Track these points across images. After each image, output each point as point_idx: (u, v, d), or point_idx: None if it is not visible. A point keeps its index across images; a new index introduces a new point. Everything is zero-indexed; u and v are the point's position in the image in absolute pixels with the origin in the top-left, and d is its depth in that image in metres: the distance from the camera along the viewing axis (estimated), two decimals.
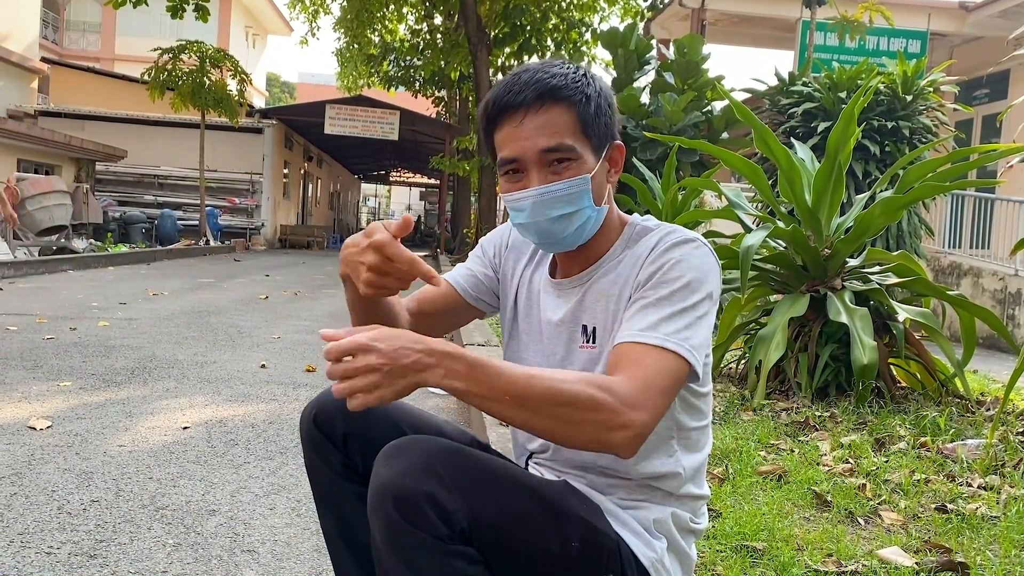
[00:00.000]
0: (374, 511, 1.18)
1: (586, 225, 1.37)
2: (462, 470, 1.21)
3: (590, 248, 1.42)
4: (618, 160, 1.42)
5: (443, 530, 1.15)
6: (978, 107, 13.07)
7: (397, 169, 41.38)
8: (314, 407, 1.47)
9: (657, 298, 1.28)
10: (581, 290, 1.43)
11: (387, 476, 1.17)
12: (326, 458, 1.45)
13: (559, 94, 1.32)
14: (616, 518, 1.34)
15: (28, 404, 3.77)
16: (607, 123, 1.37)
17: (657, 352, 1.23)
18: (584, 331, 1.41)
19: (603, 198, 1.39)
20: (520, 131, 1.32)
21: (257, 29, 39.46)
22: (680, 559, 1.38)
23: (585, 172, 1.34)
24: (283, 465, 3.06)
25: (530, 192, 1.33)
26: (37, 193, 13.49)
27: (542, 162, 1.33)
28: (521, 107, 1.32)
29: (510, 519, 1.21)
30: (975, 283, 9.41)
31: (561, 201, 1.33)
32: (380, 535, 1.18)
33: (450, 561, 1.16)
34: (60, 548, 2.20)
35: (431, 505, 1.15)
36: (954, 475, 2.81)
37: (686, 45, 9.40)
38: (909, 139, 7.23)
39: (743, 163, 4.26)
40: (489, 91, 1.38)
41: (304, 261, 17.61)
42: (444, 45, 22.29)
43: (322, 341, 1.10)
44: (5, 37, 18.63)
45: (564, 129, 1.32)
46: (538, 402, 1.13)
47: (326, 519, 1.50)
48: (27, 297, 8.15)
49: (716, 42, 16.08)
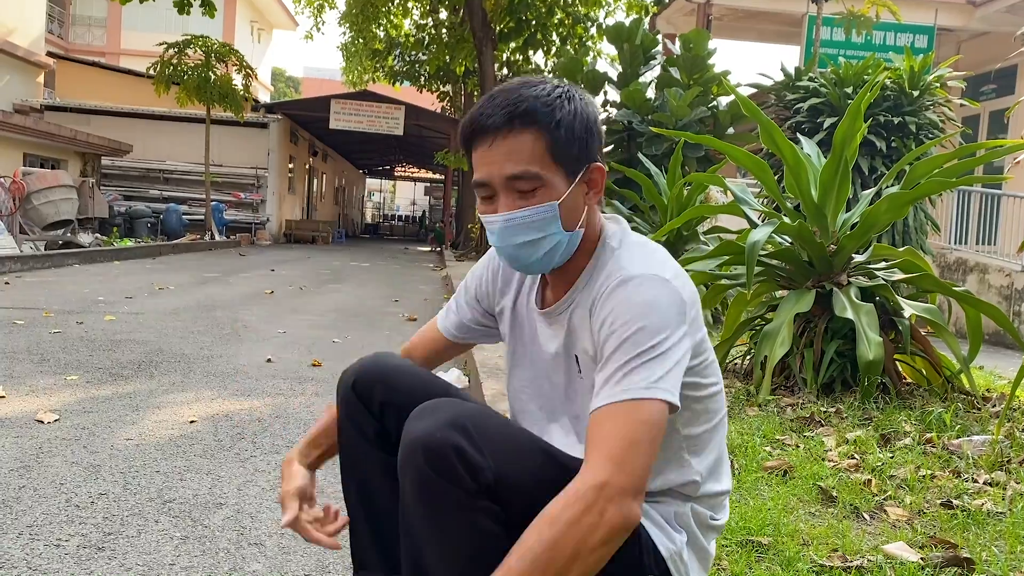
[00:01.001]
0: (405, 465, 1.21)
1: (556, 250, 1.35)
2: (490, 429, 1.24)
3: (570, 270, 1.41)
4: (598, 181, 1.39)
5: (470, 484, 1.18)
6: (985, 103, 13.03)
7: (402, 164, 41.38)
8: (354, 373, 1.49)
9: (614, 356, 1.24)
10: (566, 317, 1.42)
11: (418, 431, 1.21)
12: (360, 425, 1.48)
13: (527, 119, 1.29)
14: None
15: (35, 398, 3.79)
16: (581, 147, 1.34)
17: (621, 410, 1.19)
18: (576, 361, 1.41)
19: (577, 222, 1.36)
20: (489, 154, 1.31)
21: (262, 24, 39.46)
22: (698, 555, 1.39)
23: (553, 199, 1.32)
24: None
25: (497, 217, 1.33)
26: (43, 187, 13.52)
27: (508, 188, 1.31)
28: (491, 130, 1.30)
29: (533, 483, 1.23)
30: (981, 279, 9.39)
31: (527, 228, 1.32)
32: (410, 489, 1.20)
33: (475, 516, 1.19)
34: (68, 540, 2.21)
35: (459, 458, 1.18)
36: (960, 471, 2.81)
37: (692, 40, 9.39)
38: (915, 135, 7.21)
39: (749, 158, 4.25)
40: (473, 107, 1.37)
41: (309, 256, 17.63)
42: (449, 40, 22.27)
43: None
44: (11, 31, 18.66)
45: (530, 156, 1.30)
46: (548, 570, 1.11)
47: (348, 487, 1.52)
48: (33, 291, 8.17)
49: (722, 37, 16.05)
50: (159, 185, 22.48)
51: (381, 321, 7.32)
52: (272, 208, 23.45)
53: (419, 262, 17.95)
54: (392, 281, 12.15)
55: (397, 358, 1.54)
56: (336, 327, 6.69)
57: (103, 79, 24.19)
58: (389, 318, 7.58)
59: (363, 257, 18.63)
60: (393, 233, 42.44)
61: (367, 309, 8.22)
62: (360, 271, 14.01)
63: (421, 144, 29.47)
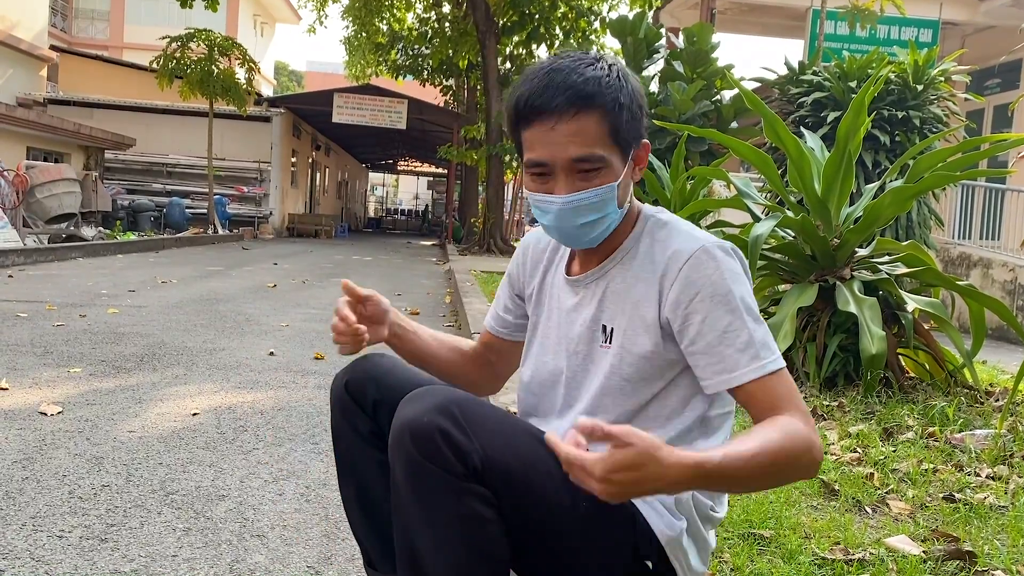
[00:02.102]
0: (394, 450, 1.23)
1: (609, 228, 1.39)
2: (477, 414, 1.24)
3: (606, 242, 1.42)
4: (643, 158, 1.42)
5: (458, 467, 1.19)
6: (990, 97, 12.99)
7: (405, 158, 41.35)
8: (346, 374, 1.50)
9: (729, 327, 1.29)
10: (600, 287, 1.43)
11: (406, 416, 1.22)
12: (354, 424, 1.48)
13: (593, 102, 1.30)
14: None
15: (39, 390, 3.80)
16: (638, 126, 1.37)
17: (774, 377, 1.27)
18: (604, 331, 1.41)
19: (626, 198, 1.39)
20: (552, 136, 1.31)
21: (265, 17, 39.41)
22: (698, 543, 1.39)
23: (612, 180, 1.34)
24: (292, 451, 3.08)
25: (557, 199, 1.34)
26: (46, 181, 13.53)
27: (571, 169, 1.32)
28: (555, 112, 1.30)
29: (522, 467, 1.24)
30: (985, 274, 9.37)
31: (589, 209, 1.34)
32: (399, 472, 1.22)
33: (465, 499, 1.20)
34: (71, 532, 2.22)
35: (445, 441, 1.19)
36: (962, 465, 2.81)
37: (695, 34, 9.36)
38: (920, 129, 7.18)
39: (752, 152, 4.24)
40: (520, 84, 1.35)
41: (312, 250, 17.64)
42: (452, 34, 22.23)
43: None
44: (14, 25, 18.66)
45: (596, 139, 1.31)
46: (762, 477, 1.18)
47: (347, 486, 1.53)
48: (37, 284, 8.18)
49: (725, 31, 16.01)
50: (162, 179, 22.50)
51: None
52: (275, 202, 23.46)
53: (422, 256, 17.95)
54: (395, 275, 12.15)
55: (388, 358, 1.54)
56: None
57: (106, 73, 24.19)
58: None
59: (366, 251, 18.64)
60: (396, 227, 42.42)
61: None
62: (363, 265, 14.01)
63: (424, 138, 29.45)
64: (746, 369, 1.26)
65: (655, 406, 1.38)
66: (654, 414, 1.38)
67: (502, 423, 1.27)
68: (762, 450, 1.15)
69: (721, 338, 1.28)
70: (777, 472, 1.18)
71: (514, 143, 1.41)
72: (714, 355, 1.28)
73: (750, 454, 1.13)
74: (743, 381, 1.26)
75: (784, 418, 1.22)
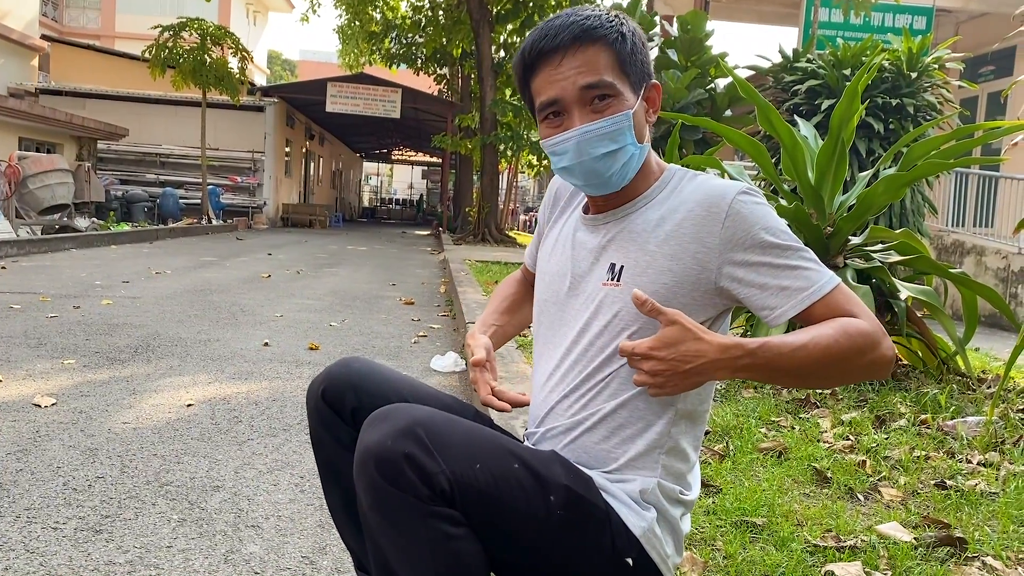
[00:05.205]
0: (359, 475, 1.21)
1: (630, 163, 1.38)
2: (444, 434, 1.22)
3: (628, 187, 1.42)
4: (655, 99, 1.42)
5: (424, 491, 1.17)
6: (983, 84, 12.99)
7: (399, 147, 41.25)
8: (322, 382, 1.48)
9: (793, 256, 1.31)
10: (615, 226, 1.42)
11: (369, 440, 1.20)
12: (334, 432, 1.47)
13: (595, 34, 1.33)
14: (607, 491, 1.34)
15: (32, 382, 3.79)
16: (643, 61, 1.38)
17: (836, 292, 1.29)
18: (611, 269, 1.40)
19: (644, 136, 1.40)
20: (558, 72, 1.33)
21: (258, 6, 39.22)
22: (671, 529, 1.38)
23: (626, 109, 1.34)
24: (286, 442, 3.08)
25: (572, 132, 1.34)
26: (39, 172, 13.47)
27: (583, 100, 1.33)
28: (559, 49, 1.33)
29: (492, 483, 1.23)
30: (978, 261, 9.40)
31: (605, 138, 1.34)
32: (365, 498, 1.20)
33: (433, 522, 1.18)
34: (66, 523, 2.22)
35: (411, 466, 1.17)
36: (954, 452, 2.82)
37: (689, 22, 9.34)
38: (913, 116, 7.17)
39: (746, 141, 4.24)
40: (523, 44, 1.39)
41: (306, 240, 17.61)
42: (446, 22, 22.13)
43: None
44: (5, 14, 18.53)
45: (603, 67, 1.33)
46: (816, 368, 1.22)
47: (332, 494, 1.52)
48: (30, 276, 8.16)
49: (720, 19, 15.96)
50: (155, 169, 22.42)
51: (378, 304, 7.32)
52: (269, 192, 23.40)
53: (417, 246, 17.93)
54: (389, 265, 12.14)
55: (365, 363, 1.52)
56: (333, 311, 6.69)
57: (98, 62, 24.06)
58: (386, 301, 7.58)
59: (360, 241, 18.61)
60: (391, 217, 42.33)
61: (364, 293, 8.21)
62: (357, 255, 13.99)
63: (418, 127, 29.38)
64: (819, 284, 1.29)
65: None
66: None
67: (470, 439, 1.25)
68: (813, 341, 1.21)
69: (784, 266, 1.31)
70: (835, 365, 1.22)
71: (526, 103, 1.42)
72: (787, 277, 1.30)
73: (798, 344, 1.20)
74: (816, 299, 1.28)
75: (844, 319, 1.26)
